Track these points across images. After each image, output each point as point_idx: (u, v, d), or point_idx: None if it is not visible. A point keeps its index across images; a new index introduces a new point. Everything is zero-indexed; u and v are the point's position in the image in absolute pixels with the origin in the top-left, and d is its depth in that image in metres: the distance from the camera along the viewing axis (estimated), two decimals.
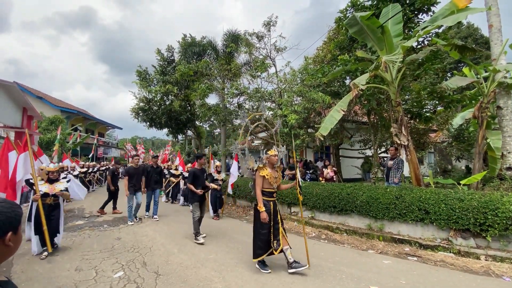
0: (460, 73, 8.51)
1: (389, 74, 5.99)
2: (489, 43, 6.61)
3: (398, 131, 6.08)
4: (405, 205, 5.39)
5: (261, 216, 3.86)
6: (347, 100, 5.84)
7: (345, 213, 6.43)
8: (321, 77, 8.54)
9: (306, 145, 10.33)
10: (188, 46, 13.88)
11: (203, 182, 5.88)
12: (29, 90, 20.87)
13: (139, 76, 14.10)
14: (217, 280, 3.68)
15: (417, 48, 7.45)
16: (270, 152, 4.19)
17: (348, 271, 4.03)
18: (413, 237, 5.29)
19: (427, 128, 9.80)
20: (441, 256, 4.62)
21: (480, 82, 6.45)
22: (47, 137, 15.91)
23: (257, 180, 4.06)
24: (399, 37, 6.33)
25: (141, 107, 14.09)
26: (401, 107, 6.17)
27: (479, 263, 4.28)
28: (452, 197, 4.95)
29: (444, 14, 5.66)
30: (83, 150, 21.17)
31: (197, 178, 5.73)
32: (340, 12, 8.87)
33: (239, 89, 9.49)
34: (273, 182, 4.07)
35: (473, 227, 4.62)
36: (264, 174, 4.00)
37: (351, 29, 6.49)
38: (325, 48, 11.08)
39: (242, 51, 11.63)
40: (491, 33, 6.41)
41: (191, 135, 20.06)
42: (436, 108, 9.21)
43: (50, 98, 23.99)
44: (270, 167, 4.14)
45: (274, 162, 4.14)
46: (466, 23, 22.03)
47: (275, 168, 4.22)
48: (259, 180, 4.03)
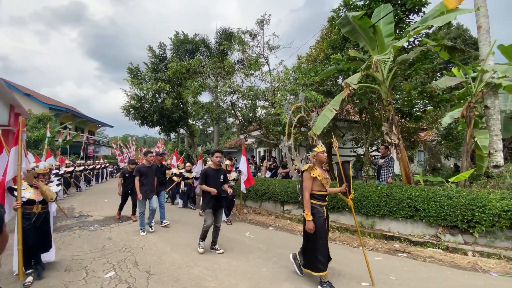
0: (449, 73, 8.69)
1: (380, 73, 6.06)
2: (477, 44, 6.76)
3: (389, 130, 6.17)
4: (395, 203, 5.48)
5: (307, 225, 3.37)
6: (340, 99, 5.89)
7: (337, 211, 6.50)
8: (314, 76, 8.57)
9: (299, 144, 10.38)
10: (181, 44, 13.74)
11: (219, 185, 4.73)
12: (16, 87, 20.31)
13: (131, 74, 13.90)
14: (210, 279, 3.68)
15: (408, 48, 7.56)
16: (318, 148, 3.61)
17: (339, 268, 4.08)
18: (403, 234, 5.39)
19: (417, 127, 9.97)
20: (430, 252, 4.73)
21: (468, 82, 6.60)
22: (35, 135, 15.53)
23: (305, 182, 3.47)
24: (390, 37, 6.41)
25: (133, 104, 13.90)
26: (392, 106, 6.26)
27: (467, 259, 4.39)
28: (440, 195, 5.07)
29: (434, 14, 5.75)
30: (73, 149, 20.76)
31: (210, 180, 4.72)
32: (333, 11, 8.91)
33: (233, 88, 9.45)
34: (325, 183, 3.53)
35: (461, 224, 4.74)
36: (316, 175, 3.45)
37: (343, 28, 6.53)
38: (318, 47, 11.13)
39: (235, 49, 11.58)
40: (480, 34, 6.56)
41: (184, 134, 19.91)
42: (426, 108, 9.37)
43: (39, 95, 23.42)
44: (318, 166, 3.59)
45: (323, 160, 3.60)
46: (456, 24, 22.46)
47: (323, 167, 3.69)
48: (308, 182, 3.46)
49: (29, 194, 3.70)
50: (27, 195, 3.67)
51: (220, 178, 4.79)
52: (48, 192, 3.74)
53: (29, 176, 3.73)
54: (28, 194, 3.69)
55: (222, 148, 14.60)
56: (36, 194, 3.73)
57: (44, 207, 3.83)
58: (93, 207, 9.20)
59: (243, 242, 5.43)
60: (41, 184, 3.71)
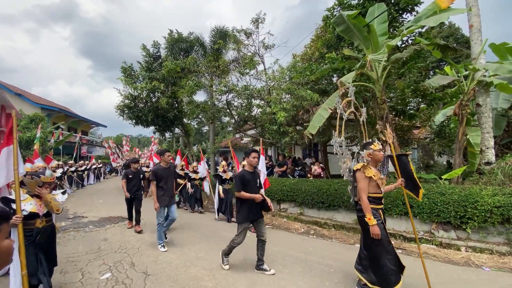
0: (442, 72, 8.80)
1: (374, 72, 6.12)
2: (469, 43, 6.86)
3: (383, 128, 6.23)
4: (390, 200, 5.55)
5: (372, 230, 2.98)
6: (335, 98, 5.92)
7: (333, 209, 6.56)
8: (309, 75, 8.61)
9: (295, 142, 10.42)
10: (175, 42, 13.61)
11: (257, 190, 3.97)
12: (7, 87, 19.93)
13: (124, 73, 13.73)
14: (207, 279, 3.68)
15: (401, 47, 7.64)
16: (374, 146, 3.25)
17: (336, 265, 4.12)
18: (397, 231, 5.47)
19: (410, 125, 10.09)
20: (424, 248, 4.81)
21: (460, 80, 6.70)
22: (27, 136, 15.27)
23: (361, 183, 3.11)
24: (384, 36, 6.47)
25: (127, 104, 13.74)
26: (386, 105, 6.32)
27: (460, 254, 4.48)
28: (434, 192, 5.15)
29: (427, 14, 5.82)
30: (66, 149, 20.48)
31: (248, 185, 3.89)
32: (327, 10, 8.95)
33: (228, 86, 9.43)
34: (380, 184, 3.19)
35: (454, 220, 4.83)
36: (371, 175, 3.12)
37: (338, 27, 6.57)
38: (313, 46, 11.18)
39: (230, 47, 11.55)
40: (472, 33, 6.65)
41: (179, 133, 19.80)
42: (419, 106, 9.49)
43: (30, 95, 23.02)
44: (373, 165, 3.25)
45: (380, 159, 3.26)
46: (448, 23, 22.72)
47: (377, 166, 3.34)
48: (364, 183, 3.10)
49: (31, 207, 3.01)
50: (28, 207, 2.98)
51: (257, 182, 4.05)
52: (54, 203, 3.09)
53: (32, 184, 3.07)
54: (29, 206, 3.00)
55: (218, 147, 14.55)
56: (39, 205, 3.10)
57: (48, 220, 3.19)
58: (87, 208, 9.11)
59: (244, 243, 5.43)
60: (46, 193, 3.09)
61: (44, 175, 3.15)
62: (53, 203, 3.10)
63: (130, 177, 6.44)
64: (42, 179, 3.12)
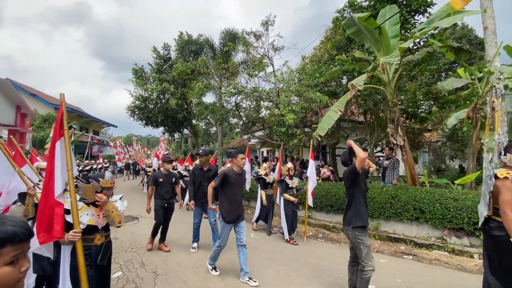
0: (455, 74, 8.63)
1: (386, 75, 6.05)
2: (483, 44, 6.71)
3: (394, 131, 6.15)
4: (400, 205, 5.47)
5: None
6: (345, 101, 5.89)
7: (342, 212, 6.49)
8: (318, 77, 8.58)
9: (303, 145, 10.38)
10: (185, 44, 13.79)
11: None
12: (22, 87, 20.54)
13: (135, 74, 14.00)
14: (216, 280, 3.70)
15: (412, 49, 7.53)
16: None
17: (345, 270, 4.07)
18: (408, 236, 5.38)
19: (422, 128, 9.92)
20: (436, 254, 4.71)
21: (474, 83, 6.56)
22: (40, 135, 15.71)
23: (506, 195, 2.34)
24: (396, 38, 6.39)
25: (137, 105, 14.00)
26: (397, 108, 6.24)
27: (473, 262, 4.37)
28: (446, 197, 5.05)
29: (440, 16, 5.72)
30: (78, 148, 20.95)
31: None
32: (337, 12, 8.90)
33: (237, 88, 9.47)
34: None
35: (467, 226, 4.72)
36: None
37: (348, 29, 6.53)
38: (322, 48, 11.13)
39: (240, 50, 11.60)
40: (486, 35, 6.50)
41: (188, 134, 19.99)
42: (431, 109, 9.32)
43: (44, 95, 23.66)
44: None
45: None
46: (461, 24, 22.27)
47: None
48: (510, 194, 2.33)
49: (88, 218, 2.42)
50: (85, 219, 2.39)
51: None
52: (115, 213, 2.53)
53: (88, 190, 2.47)
54: (85, 217, 2.41)
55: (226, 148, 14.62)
56: (97, 216, 2.49)
57: (107, 235, 2.60)
58: None
59: (247, 242, 5.44)
60: (106, 201, 2.52)
61: (103, 178, 2.52)
62: (115, 214, 2.52)
63: (161, 181, 4.99)
64: (101, 184, 2.50)
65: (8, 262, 0.81)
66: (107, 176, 2.57)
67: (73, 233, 2.16)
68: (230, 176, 3.76)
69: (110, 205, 2.54)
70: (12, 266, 0.83)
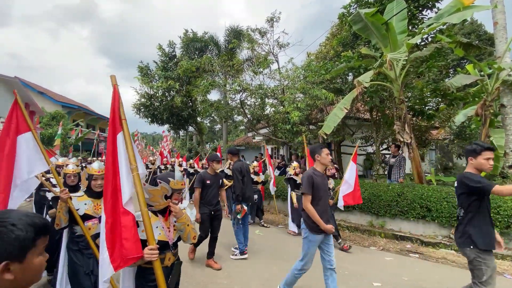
0: (463, 71, 8.48)
1: (393, 71, 5.97)
2: (492, 40, 6.58)
3: (401, 129, 6.09)
4: (407, 203, 5.43)
5: None
6: (351, 98, 5.84)
7: (347, 210, 6.47)
8: (324, 74, 8.51)
9: (308, 142, 10.35)
10: (190, 42, 13.82)
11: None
12: (30, 85, 20.83)
13: (141, 72, 14.08)
14: (222, 276, 3.74)
15: (420, 45, 7.41)
16: None
17: (351, 267, 4.08)
18: (414, 234, 5.34)
19: (429, 125, 9.79)
20: (443, 253, 4.67)
21: (484, 79, 6.44)
22: (49, 133, 15.94)
23: None
24: (403, 34, 6.30)
25: (143, 103, 14.11)
26: (404, 105, 6.17)
27: None
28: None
29: (449, 11, 5.62)
30: (85, 146, 21.22)
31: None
32: (343, 8, 8.80)
33: (242, 86, 9.47)
34: None
35: None
36: None
37: (355, 25, 6.45)
38: (328, 44, 11.02)
39: (245, 47, 11.58)
40: (496, 30, 6.36)
41: (192, 131, 20.08)
42: (438, 106, 9.18)
43: (52, 93, 23.96)
44: None
45: None
46: (470, 19, 21.82)
47: None
48: None
49: (158, 232, 1.90)
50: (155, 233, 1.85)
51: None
52: (191, 226, 2.03)
53: (157, 193, 1.89)
54: (156, 231, 1.88)
55: (231, 145, 14.65)
56: (167, 229, 1.94)
57: (176, 252, 2.09)
58: None
59: (252, 239, 5.47)
60: (178, 209, 1.94)
61: (173, 177, 1.95)
62: (191, 227, 2.02)
63: (208, 183, 4.14)
64: (172, 185, 1.91)
65: (41, 252, 0.87)
66: (178, 175, 1.98)
67: (150, 251, 1.68)
68: (316, 178, 2.97)
69: (185, 216, 1.99)
70: (43, 256, 0.88)
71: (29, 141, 2.43)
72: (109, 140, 1.86)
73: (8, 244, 0.78)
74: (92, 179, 2.53)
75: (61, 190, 2.39)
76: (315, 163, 3.10)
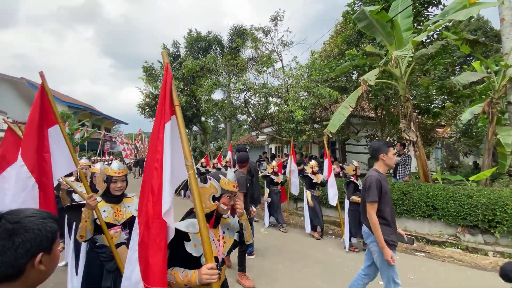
0: (470, 68, 8.39)
1: (398, 69, 5.94)
2: (499, 36, 6.49)
3: (407, 127, 6.05)
4: (412, 201, 5.40)
5: None
6: (356, 96, 5.82)
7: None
8: (328, 72, 8.49)
9: (312, 141, 10.33)
10: (194, 41, 13.87)
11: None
12: (37, 86, 21.07)
13: (145, 72, 14.18)
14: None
15: (426, 42, 7.34)
16: None
17: (356, 266, 4.08)
18: (420, 233, 5.32)
19: (435, 123, 9.71)
20: (449, 252, 4.65)
21: (490, 77, 6.36)
22: None
23: None
24: (409, 31, 6.25)
25: (148, 102, 14.22)
26: (410, 103, 6.13)
27: (487, 259, 4.30)
28: (460, 194, 4.95)
29: (455, 7, 5.56)
30: (91, 145, 21.45)
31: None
32: (348, 5, 8.76)
33: (246, 85, 9.48)
34: None
35: (482, 224, 4.63)
36: None
37: (359, 23, 6.42)
38: (332, 43, 10.98)
39: (248, 46, 11.59)
40: (503, 27, 6.27)
41: (197, 131, 20.17)
42: (444, 103, 9.10)
43: (58, 93, 24.23)
44: None
45: None
46: (476, 16, 21.52)
47: None
48: None
49: None
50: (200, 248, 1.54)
51: None
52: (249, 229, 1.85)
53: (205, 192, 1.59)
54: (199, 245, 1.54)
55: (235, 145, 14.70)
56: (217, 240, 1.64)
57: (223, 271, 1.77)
58: None
59: (257, 238, 5.50)
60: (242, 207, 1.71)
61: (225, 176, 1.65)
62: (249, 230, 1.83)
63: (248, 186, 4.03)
64: (223, 185, 1.61)
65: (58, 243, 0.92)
66: (230, 175, 1.66)
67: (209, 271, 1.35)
68: (383, 182, 2.55)
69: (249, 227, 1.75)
70: None
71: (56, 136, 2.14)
72: (154, 131, 1.53)
73: (43, 236, 0.82)
74: (112, 181, 2.23)
75: (89, 196, 2.05)
76: (378, 163, 2.66)
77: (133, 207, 2.34)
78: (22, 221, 0.81)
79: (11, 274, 0.78)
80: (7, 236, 0.78)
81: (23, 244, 0.78)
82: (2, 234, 0.78)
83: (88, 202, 2.03)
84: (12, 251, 0.77)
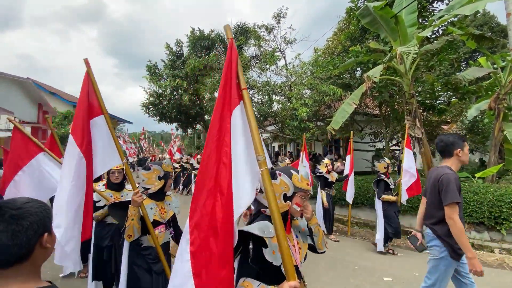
0: (476, 63, 8.28)
1: (403, 65, 5.89)
2: (505, 31, 6.41)
3: (412, 124, 6.01)
4: (417, 198, 5.37)
5: None
6: (360, 93, 5.80)
7: (356, 206, 6.46)
8: (332, 69, 8.44)
9: (316, 138, 10.30)
10: (197, 40, 13.88)
11: None
12: (42, 86, 21.31)
13: (149, 71, 14.24)
14: None
15: (431, 38, 7.26)
16: None
17: (361, 263, 4.09)
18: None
19: (440, 120, 9.61)
20: None
21: (497, 72, 6.28)
22: (61, 132, 16.30)
23: None
24: (413, 27, 6.19)
25: (152, 101, 14.28)
26: (415, 99, 6.08)
27: (493, 256, 4.27)
28: (466, 190, 4.92)
29: (461, 2, 5.49)
30: None
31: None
32: (351, 1, 8.69)
33: (249, 83, 9.47)
34: None
35: (488, 221, 4.60)
36: None
37: (363, 19, 6.37)
38: (335, 40, 10.91)
39: (251, 44, 11.56)
40: (509, 21, 6.18)
41: (200, 129, 20.24)
42: (450, 100, 9.00)
43: (63, 93, 24.45)
44: None
45: None
46: (482, 11, 21.20)
47: None
48: None
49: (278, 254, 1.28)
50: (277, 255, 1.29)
51: None
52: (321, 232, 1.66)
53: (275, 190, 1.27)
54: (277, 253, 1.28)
55: None
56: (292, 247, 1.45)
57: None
58: None
59: None
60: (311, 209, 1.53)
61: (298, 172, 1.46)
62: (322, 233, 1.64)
63: None
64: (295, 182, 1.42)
65: None
66: (304, 172, 1.47)
67: None
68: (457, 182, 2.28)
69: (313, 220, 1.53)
70: None
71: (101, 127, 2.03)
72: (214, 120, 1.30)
73: (45, 218, 0.90)
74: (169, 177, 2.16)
75: (135, 192, 1.94)
76: (451, 160, 2.34)
77: (173, 205, 2.34)
78: (23, 206, 0.87)
79: (23, 255, 0.84)
80: (14, 221, 0.83)
81: (31, 226, 0.85)
82: (9, 220, 0.83)
83: (134, 199, 1.91)
84: (23, 233, 0.83)
